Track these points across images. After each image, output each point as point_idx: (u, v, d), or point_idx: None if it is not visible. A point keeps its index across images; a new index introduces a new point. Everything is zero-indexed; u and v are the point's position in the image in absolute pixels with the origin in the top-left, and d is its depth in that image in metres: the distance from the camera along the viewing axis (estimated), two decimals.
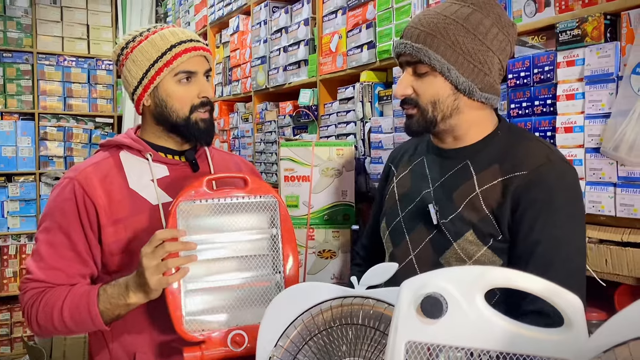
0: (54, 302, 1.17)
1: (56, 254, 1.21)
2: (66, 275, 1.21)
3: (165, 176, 1.29)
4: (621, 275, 1.19)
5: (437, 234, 1.12)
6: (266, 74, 2.73)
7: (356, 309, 0.86)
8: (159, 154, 1.30)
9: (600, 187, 1.22)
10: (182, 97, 1.26)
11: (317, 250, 1.84)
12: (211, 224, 1.16)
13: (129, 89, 1.30)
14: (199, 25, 3.75)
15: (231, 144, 3.25)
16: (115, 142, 1.31)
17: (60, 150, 4.58)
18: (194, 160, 1.32)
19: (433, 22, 1.07)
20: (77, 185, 1.23)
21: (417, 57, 1.07)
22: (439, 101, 1.09)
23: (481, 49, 1.07)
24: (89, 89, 4.74)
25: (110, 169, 1.26)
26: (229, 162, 1.45)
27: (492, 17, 1.08)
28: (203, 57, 1.29)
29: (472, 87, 1.08)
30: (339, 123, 2.14)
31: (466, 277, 0.72)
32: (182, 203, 1.14)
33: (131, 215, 1.23)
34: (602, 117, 1.20)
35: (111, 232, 1.22)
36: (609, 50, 1.18)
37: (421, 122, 1.12)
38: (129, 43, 1.28)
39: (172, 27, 1.30)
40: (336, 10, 2.18)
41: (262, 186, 1.20)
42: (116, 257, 1.23)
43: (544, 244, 1.02)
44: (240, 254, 1.17)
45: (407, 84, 1.11)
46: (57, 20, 4.62)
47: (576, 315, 0.66)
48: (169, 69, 1.24)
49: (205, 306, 1.13)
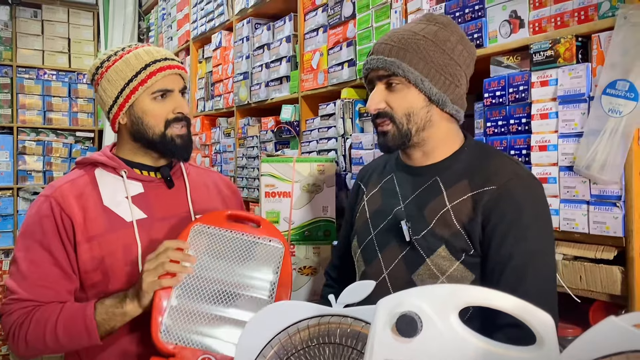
0: (47, 318, 1.17)
1: (40, 272, 1.20)
2: (54, 292, 1.20)
3: (140, 193, 1.30)
4: (595, 291, 1.21)
5: (409, 250, 1.13)
6: (248, 89, 2.74)
7: (333, 328, 0.86)
8: (134, 170, 1.31)
9: (574, 204, 1.24)
10: (157, 114, 1.27)
11: (297, 266, 1.84)
12: (218, 252, 1.21)
13: (104, 107, 1.31)
14: (182, 40, 3.76)
15: (213, 158, 3.25)
16: (91, 160, 1.32)
17: (39, 164, 4.53)
18: (168, 177, 1.33)
19: (404, 37, 1.11)
20: (54, 202, 1.23)
21: (391, 70, 1.10)
22: (413, 113, 1.12)
23: (450, 62, 1.11)
24: (69, 102, 4.71)
25: (86, 187, 1.27)
26: (206, 179, 1.45)
27: (457, 36, 1.13)
28: (178, 75, 1.31)
29: (444, 98, 1.11)
30: (320, 139, 2.15)
31: (441, 296, 0.73)
32: (198, 225, 1.22)
33: (105, 232, 1.23)
34: (575, 136, 1.23)
35: (86, 249, 1.22)
36: (580, 71, 1.22)
37: (397, 137, 1.14)
38: (104, 62, 1.29)
39: (147, 46, 1.31)
40: (317, 28, 2.20)
41: (273, 230, 1.28)
42: (90, 274, 1.23)
43: (516, 257, 1.04)
44: (235, 289, 1.19)
45: (381, 99, 1.14)
46: (38, 34, 4.59)
47: (548, 333, 0.68)
48: (144, 87, 1.26)
49: (185, 324, 1.14)
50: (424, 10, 1.64)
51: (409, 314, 0.71)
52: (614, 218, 1.17)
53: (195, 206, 1.35)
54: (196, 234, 1.21)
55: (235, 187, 1.54)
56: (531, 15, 1.34)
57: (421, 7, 1.64)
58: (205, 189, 1.42)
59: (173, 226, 1.29)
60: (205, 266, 1.19)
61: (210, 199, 1.41)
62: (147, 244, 1.25)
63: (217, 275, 1.19)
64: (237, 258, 1.22)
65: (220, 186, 1.47)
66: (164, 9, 4.23)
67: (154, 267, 1.13)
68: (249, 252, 1.23)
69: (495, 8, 1.42)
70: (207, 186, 1.43)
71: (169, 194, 1.33)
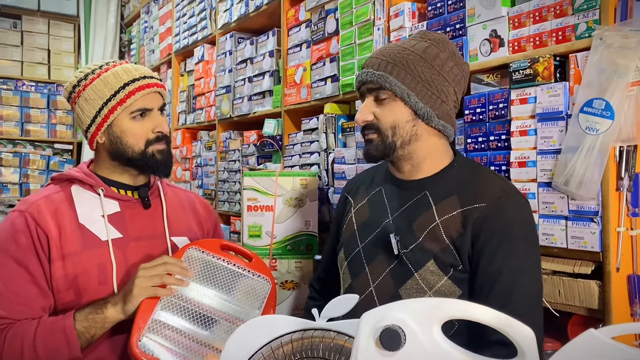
0: (24, 334, 1.14)
1: (15, 289, 1.17)
2: (29, 309, 1.17)
3: (117, 212, 1.28)
4: (573, 305, 1.23)
5: (397, 264, 1.14)
6: (231, 103, 2.74)
7: (317, 342, 0.86)
8: (112, 189, 1.29)
9: (552, 220, 1.27)
10: (136, 134, 1.26)
11: (279, 281, 1.83)
12: (207, 277, 1.23)
13: (81, 126, 1.29)
14: (164, 53, 3.75)
15: (194, 172, 3.23)
16: (67, 176, 1.29)
17: (16, 176, 4.45)
18: (146, 198, 1.32)
19: (394, 52, 1.14)
20: (29, 217, 1.20)
21: (379, 83, 1.13)
22: (398, 126, 1.14)
23: (438, 78, 1.13)
24: (48, 114, 4.65)
25: (61, 203, 1.25)
26: (183, 199, 1.44)
27: (448, 52, 1.15)
28: (157, 92, 1.29)
29: (430, 113, 1.13)
30: (303, 153, 2.16)
31: (423, 309, 0.73)
32: (192, 248, 1.25)
33: (80, 250, 1.21)
34: (553, 152, 1.26)
35: (59, 267, 1.19)
36: (558, 90, 1.25)
37: (380, 147, 1.15)
38: (81, 81, 1.27)
39: (125, 64, 1.30)
40: (301, 43, 2.22)
41: (263, 267, 1.30)
42: (63, 293, 1.20)
43: (505, 274, 1.05)
44: (216, 316, 1.20)
45: (369, 111, 1.16)
46: (17, 45, 4.54)
47: (528, 346, 0.69)
48: (123, 107, 1.24)
49: (164, 339, 1.13)
50: (406, 27, 1.67)
51: (392, 327, 0.71)
52: (591, 233, 1.19)
53: (171, 227, 1.34)
54: (189, 256, 1.23)
55: (211, 208, 1.53)
56: (511, 35, 1.38)
57: (403, 25, 1.67)
58: (181, 209, 1.41)
59: (148, 246, 1.29)
60: (193, 288, 1.20)
61: (186, 220, 1.40)
62: (122, 263, 1.23)
63: (202, 299, 1.20)
64: (224, 286, 1.23)
65: (197, 207, 1.46)
66: (146, 22, 4.22)
67: (150, 275, 1.14)
68: (236, 283, 1.25)
69: (476, 27, 1.46)
70: (183, 206, 1.42)
71: (145, 214, 1.32)
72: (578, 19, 1.23)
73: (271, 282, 1.28)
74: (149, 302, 1.14)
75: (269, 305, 1.25)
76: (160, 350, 1.12)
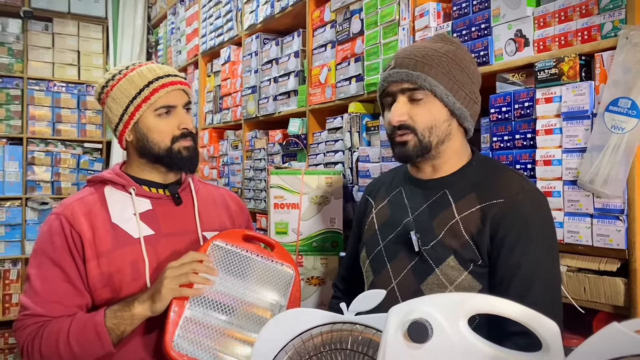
0: (59, 330, 1.19)
1: (52, 288, 1.23)
2: (64, 307, 1.22)
3: (148, 210, 1.32)
4: (599, 302, 1.24)
5: (418, 261, 1.16)
6: (256, 103, 2.79)
7: (345, 335, 0.89)
8: (143, 187, 1.33)
9: (577, 217, 1.27)
10: (162, 130, 1.30)
11: (305, 277, 1.87)
12: (232, 270, 1.25)
13: (111, 125, 1.35)
14: (190, 54, 3.82)
15: (220, 170, 3.29)
16: (100, 178, 1.34)
17: (48, 175, 4.57)
18: (176, 194, 1.35)
19: (427, 54, 1.16)
20: (64, 219, 1.26)
21: (417, 83, 1.14)
22: (435, 126, 1.16)
23: (468, 80, 1.17)
24: (78, 114, 4.76)
25: (94, 204, 1.30)
26: (215, 195, 1.47)
27: (469, 56, 1.20)
28: (181, 90, 1.33)
29: (465, 113, 1.17)
30: (327, 152, 2.19)
31: (450, 303, 0.76)
32: (216, 241, 1.26)
33: (113, 249, 1.25)
34: (579, 151, 1.26)
35: (94, 266, 1.24)
36: (584, 89, 1.25)
37: (417, 148, 1.17)
38: (109, 82, 1.33)
39: (150, 64, 1.34)
40: (326, 44, 2.25)
41: (286, 255, 1.32)
42: (100, 291, 1.24)
43: (523, 268, 1.07)
44: (245, 307, 1.22)
45: (404, 111, 1.16)
46: (49, 47, 4.66)
47: (553, 340, 0.71)
48: (147, 104, 1.28)
49: (197, 337, 1.16)
50: (431, 27, 1.68)
51: (420, 320, 0.74)
52: (617, 231, 1.20)
53: (203, 223, 1.37)
54: (214, 249, 1.25)
55: (243, 204, 1.55)
56: (536, 35, 1.39)
57: (429, 25, 1.69)
58: (213, 205, 1.43)
59: (180, 242, 1.31)
60: (220, 281, 1.22)
61: (217, 216, 1.42)
62: (154, 260, 1.27)
63: (229, 291, 1.22)
64: (250, 277, 1.25)
65: (228, 202, 1.49)
66: (173, 23, 4.30)
67: (177, 275, 1.16)
68: (261, 272, 1.27)
69: (501, 27, 1.47)
70: (215, 203, 1.45)
71: (177, 210, 1.35)
72: (604, 19, 1.24)
73: (294, 270, 1.30)
74: (178, 302, 1.16)
75: (295, 291, 1.28)
76: (195, 349, 1.15)
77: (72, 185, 4.64)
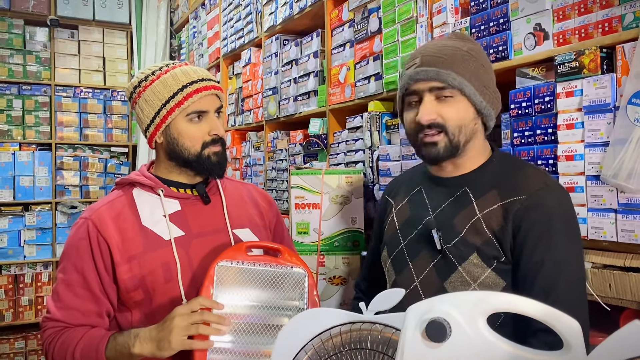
0: (69, 343, 1.20)
1: (71, 293, 1.24)
2: (81, 314, 1.23)
3: (178, 211, 1.31)
4: (625, 299, 1.22)
5: (441, 259, 1.16)
6: (277, 104, 2.80)
7: (365, 334, 0.89)
8: (171, 189, 1.33)
9: (601, 213, 1.25)
10: (193, 136, 1.28)
11: (327, 276, 1.87)
12: (244, 287, 1.20)
13: (141, 126, 1.34)
14: (212, 57, 3.86)
15: (243, 171, 3.32)
16: (129, 180, 1.34)
17: (76, 179, 4.68)
18: (205, 194, 1.35)
19: (452, 52, 1.15)
20: (91, 225, 1.26)
21: (447, 82, 1.12)
22: (464, 125, 1.15)
23: (489, 78, 1.17)
24: (104, 119, 4.85)
25: (123, 207, 1.29)
26: (243, 192, 1.46)
27: (484, 54, 1.19)
28: (214, 95, 1.31)
29: (491, 112, 1.17)
30: (348, 151, 2.20)
31: (469, 302, 0.75)
32: (222, 261, 1.20)
33: (145, 251, 1.25)
34: (601, 145, 1.24)
35: (125, 270, 1.24)
36: (605, 82, 1.23)
37: (448, 148, 1.15)
38: (142, 82, 1.31)
39: (184, 66, 1.32)
40: (344, 43, 2.26)
41: (294, 257, 1.27)
42: (132, 293, 1.25)
43: (547, 265, 1.06)
44: (267, 321, 1.20)
45: (433, 110, 1.14)
46: (75, 54, 4.77)
47: (574, 338, 0.70)
48: (181, 109, 1.26)
49: None
50: (449, 24, 1.67)
51: (438, 319, 0.74)
52: None
53: (232, 220, 1.36)
54: (220, 271, 1.20)
55: (271, 199, 1.53)
56: (555, 28, 1.36)
57: (447, 21, 1.67)
58: (241, 202, 1.42)
59: (211, 241, 1.31)
60: (235, 303, 1.19)
61: (246, 212, 1.41)
62: (186, 261, 1.27)
63: (247, 312, 1.19)
64: (263, 290, 1.21)
65: (257, 198, 1.47)
66: (195, 27, 4.35)
67: (186, 325, 1.10)
68: (274, 282, 1.23)
69: (520, 21, 1.45)
70: (243, 199, 1.43)
71: (206, 209, 1.34)
72: (625, 10, 1.21)
73: (306, 269, 1.26)
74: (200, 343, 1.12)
75: (311, 292, 1.24)
76: None
77: (99, 189, 4.73)
